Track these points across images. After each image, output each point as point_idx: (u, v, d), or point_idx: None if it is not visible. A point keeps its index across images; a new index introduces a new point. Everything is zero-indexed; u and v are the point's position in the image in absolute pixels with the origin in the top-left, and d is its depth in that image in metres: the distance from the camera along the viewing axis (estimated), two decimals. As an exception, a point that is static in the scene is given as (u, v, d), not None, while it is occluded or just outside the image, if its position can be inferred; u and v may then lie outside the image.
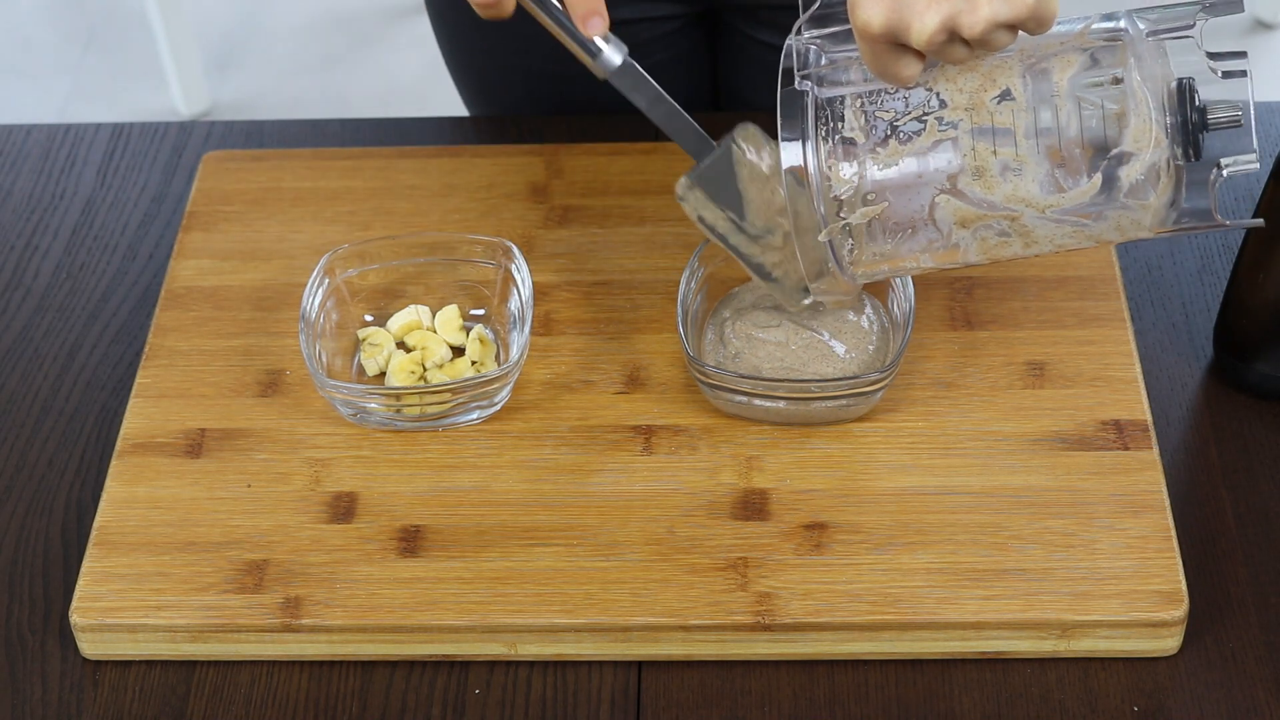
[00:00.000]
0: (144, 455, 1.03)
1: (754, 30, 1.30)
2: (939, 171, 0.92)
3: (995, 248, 0.94)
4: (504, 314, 1.09)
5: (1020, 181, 0.92)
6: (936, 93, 0.92)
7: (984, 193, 0.92)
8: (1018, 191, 0.92)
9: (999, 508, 0.98)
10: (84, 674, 0.97)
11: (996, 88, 0.91)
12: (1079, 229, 0.93)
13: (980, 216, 0.93)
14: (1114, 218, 0.92)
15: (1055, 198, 0.91)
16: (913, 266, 0.97)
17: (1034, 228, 0.93)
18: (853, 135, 0.93)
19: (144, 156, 1.26)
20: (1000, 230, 0.93)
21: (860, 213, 0.93)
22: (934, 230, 0.94)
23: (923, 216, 0.93)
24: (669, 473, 1.01)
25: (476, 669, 0.96)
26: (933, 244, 0.94)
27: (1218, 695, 0.94)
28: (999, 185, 0.92)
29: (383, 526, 0.99)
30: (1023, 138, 0.91)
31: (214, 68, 2.66)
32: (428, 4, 1.35)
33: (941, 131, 0.92)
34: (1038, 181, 0.91)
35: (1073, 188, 0.91)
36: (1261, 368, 1.05)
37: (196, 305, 1.12)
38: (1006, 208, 0.92)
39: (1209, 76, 0.90)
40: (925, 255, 0.95)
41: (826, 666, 0.96)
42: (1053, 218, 0.92)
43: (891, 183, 0.93)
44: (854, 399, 1.01)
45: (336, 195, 1.19)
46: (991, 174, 0.92)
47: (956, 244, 0.94)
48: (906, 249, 0.95)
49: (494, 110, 1.36)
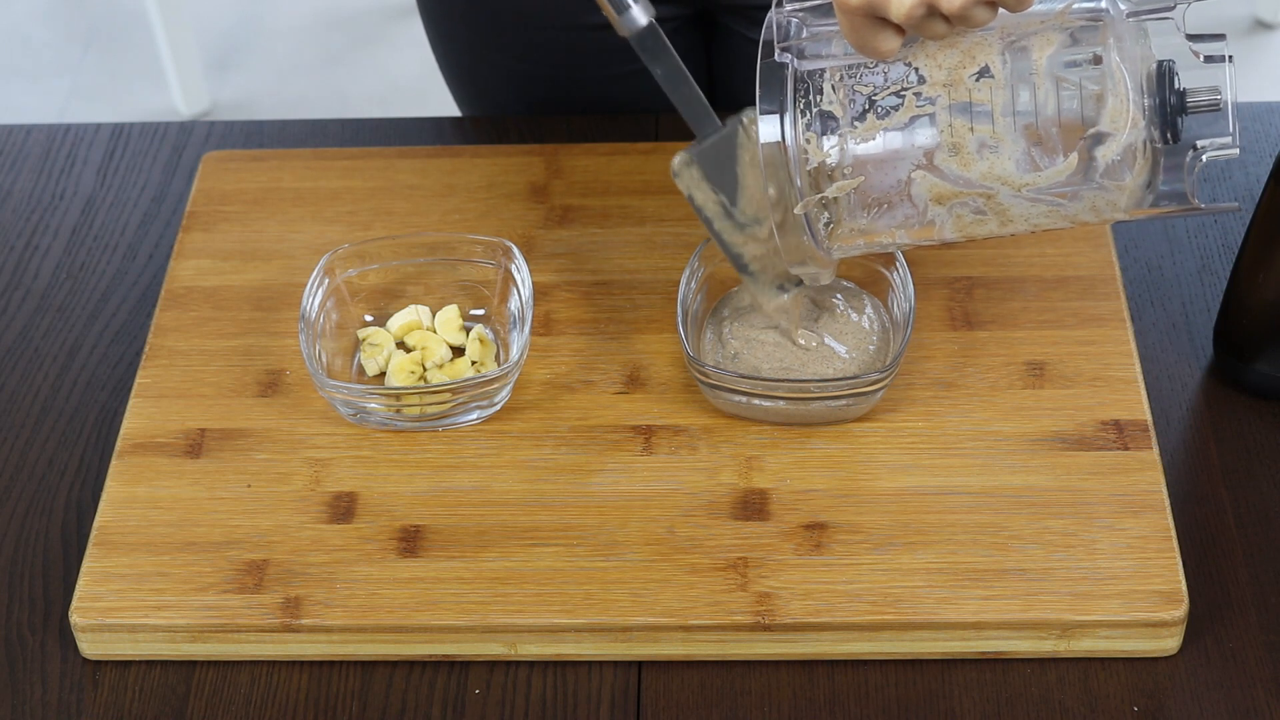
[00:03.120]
0: (144, 455, 1.04)
1: (750, 31, 1.30)
2: (916, 147, 0.92)
3: (971, 225, 0.94)
4: (504, 314, 1.09)
5: (996, 159, 0.91)
6: (915, 68, 0.92)
7: (960, 169, 0.92)
8: (994, 169, 0.92)
9: (999, 508, 0.98)
10: (84, 674, 0.97)
11: (975, 65, 0.91)
12: (1054, 209, 0.93)
13: (956, 193, 0.92)
14: (1089, 198, 0.92)
15: (1031, 176, 0.91)
16: (889, 242, 0.97)
17: (1009, 206, 0.93)
18: (831, 109, 0.93)
19: (144, 156, 1.26)
20: (976, 208, 0.93)
21: (836, 186, 0.93)
22: (910, 206, 0.94)
23: (899, 192, 0.93)
24: (669, 473, 1.01)
25: (476, 669, 0.96)
26: (909, 220, 0.94)
27: (1218, 695, 0.94)
28: (975, 162, 0.92)
29: (383, 526, 0.99)
30: (1000, 115, 0.91)
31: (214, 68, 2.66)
32: (420, 8, 1.35)
33: (919, 107, 0.92)
34: (1014, 159, 0.91)
35: (1049, 167, 0.91)
36: (1261, 368, 1.05)
37: (196, 305, 1.12)
38: (982, 185, 0.92)
39: (1190, 60, 0.90)
40: (901, 231, 0.95)
41: (826, 666, 0.96)
42: (1028, 196, 0.92)
43: (869, 157, 0.93)
44: (854, 399, 1.01)
45: (336, 195, 1.19)
46: (968, 151, 0.92)
47: (932, 220, 0.94)
48: (883, 224, 0.95)
49: (489, 113, 1.36)
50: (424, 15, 1.36)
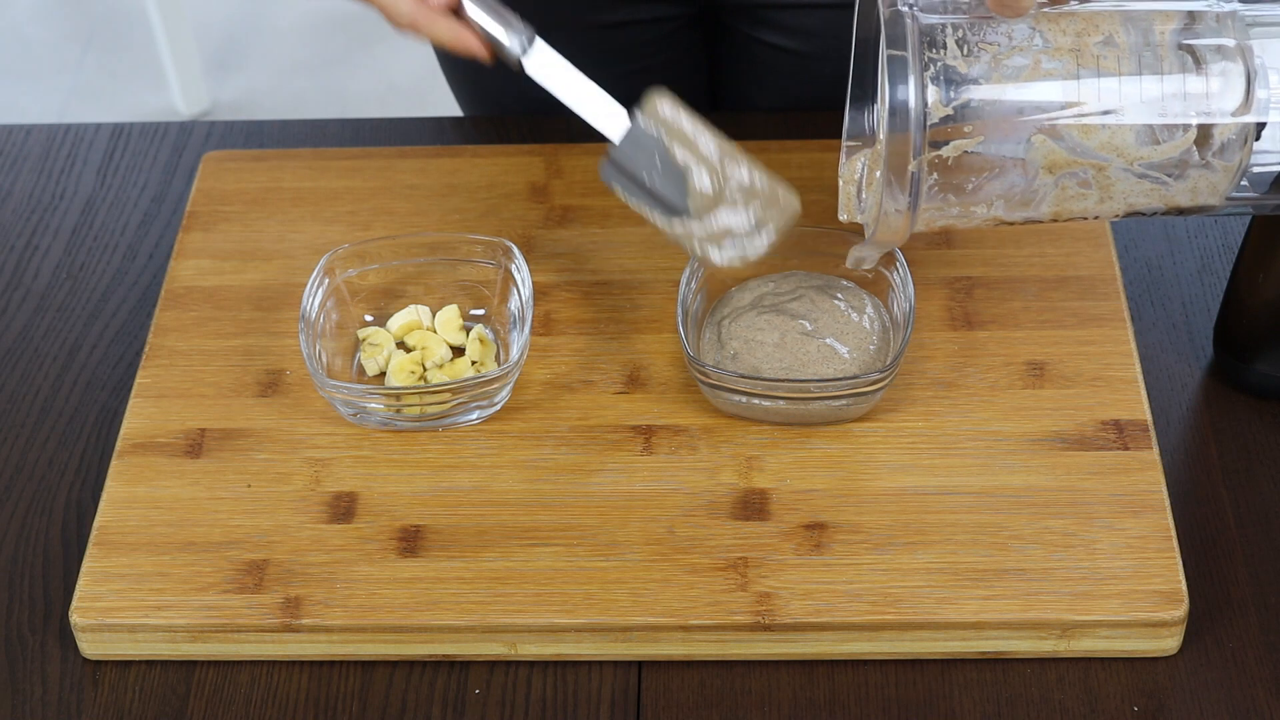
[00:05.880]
0: (144, 455, 1.04)
1: (753, 30, 1.30)
2: (1039, 110, 0.90)
3: (1071, 199, 0.92)
4: (504, 314, 1.09)
5: (1118, 129, 0.90)
6: (1039, 31, 0.90)
7: (1080, 137, 0.90)
8: (1114, 139, 0.90)
9: (999, 508, 0.98)
10: (84, 674, 0.97)
11: (1100, 33, 0.90)
12: (1158, 186, 0.91)
13: (1070, 163, 0.90)
14: (1194, 177, 0.91)
15: (1148, 150, 0.90)
16: (983, 214, 0.94)
17: (1116, 181, 0.91)
18: (955, 64, 0.90)
19: (144, 156, 1.26)
20: (1082, 180, 0.91)
21: (953, 145, 0.90)
22: (1019, 174, 0.91)
23: (1015, 156, 0.91)
24: (669, 473, 1.01)
25: (476, 669, 0.96)
26: (1011, 190, 0.92)
27: (1218, 695, 0.94)
28: (1096, 131, 0.90)
29: (383, 526, 0.99)
30: (1124, 85, 0.90)
31: (214, 68, 2.66)
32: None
33: (1046, 70, 0.90)
34: (1134, 131, 0.90)
35: (1167, 140, 0.90)
36: (1261, 368, 1.05)
37: (196, 305, 1.12)
38: (1098, 156, 0.90)
39: None
40: (1000, 202, 0.93)
41: (826, 666, 0.96)
42: (1138, 171, 0.90)
43: (990, 115, 0.90)
44: (854, 399, 1.01)
45: (336, 195, 1.19)
46: (1090, 119, 0.90)
47: (1035, 191, 0.92)
48: (985, 193, 0.92)
49: (489, 113, 1.36)
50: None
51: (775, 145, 1.18)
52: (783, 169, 1.07)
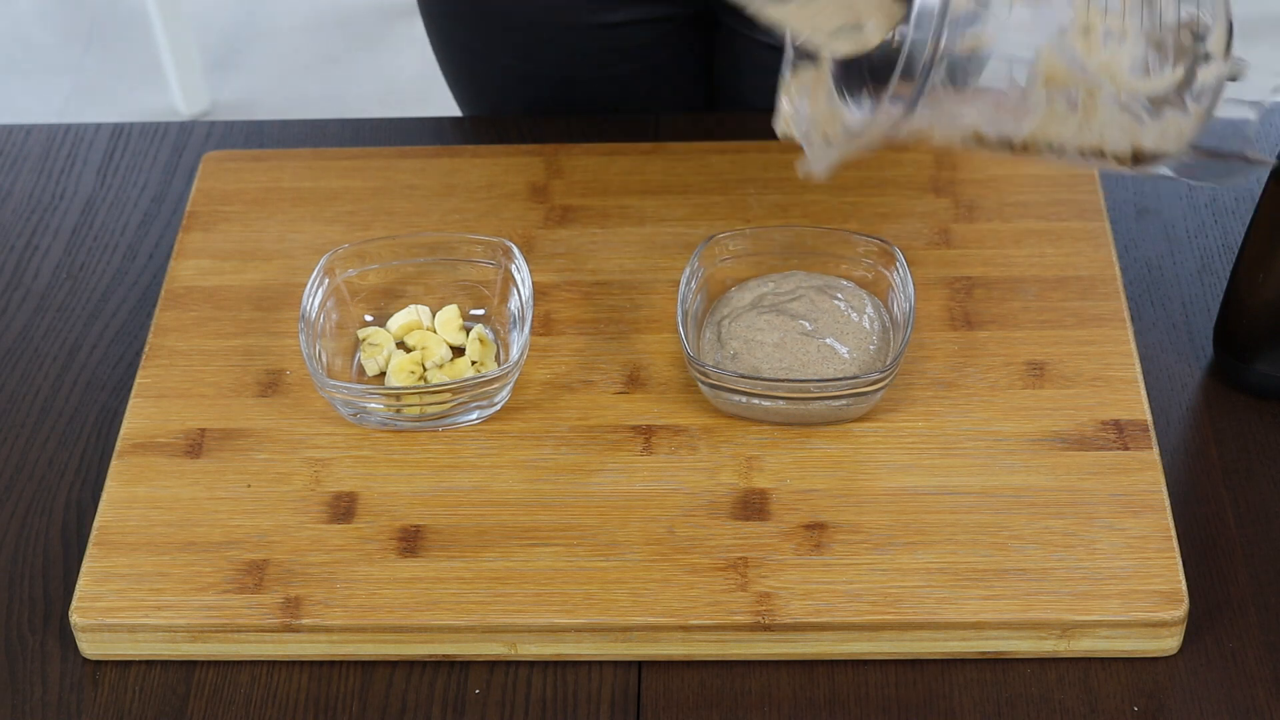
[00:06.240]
0: (144, 455, 1.04)
1: (752, 31, 1.30)
2: (1050, 20, 0.91)
3: (1053, 120, 0.93)
4: (504, 314, 1.09)
5: (1119, 52, 0.91)
6: None
7: (1083, 54, 0.91)
8: (1111, 62, 0.90)
9: (999, 508, 0.98)
10: (84, 674, 0.97)
11: None
12: (1134, 121, 0.92)
13: (1068, 78, 0.91)
14: (1169, 118, 0.92)
15: (1139, 80, 0.91)
16: (969, 119, 0.94)
17: (1100, 108, 0.92)
18: None
19: (144, 156, 1.26)
20: (1071, 100, 0.92)
21: (970, 33, 0.90)
22: (1020, 78, 0.92)
23: (1021, 59, 0.92)
24: (669, 473, 1.01)
25: (476, 669, 0.96)
26: (1003, 100, 0.93)
27: (1218, 695, 0.94)
28: (1098, 51, 0.91)
29: (383, 526, 0.99)
30: (1129, 11, 0.90)
31: (214, 68, 2.66)
32: (421, 8, 1.35)
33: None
34: (1131, 57, 0.91)
35: (1157, 74, 0.91)
36: (1261, 368, 1.05)
37: (196, 305, 1.12)
38: (1093, 77, 0.91)
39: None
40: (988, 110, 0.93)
41: (826, 666, 0.96)
42: (1123, 101, 0.91)
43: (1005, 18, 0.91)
44: (854, 399, 1.01)
45: (336, 195, 1.19)
46: (1095, 37, 0.91)
47: (1026, 105, 0.92)
48: (981, 99, 0.93)
49: (489, 113, 1.36)
50: (424, 15, 1.36)
51: (774, 145, 1.18)
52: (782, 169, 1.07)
